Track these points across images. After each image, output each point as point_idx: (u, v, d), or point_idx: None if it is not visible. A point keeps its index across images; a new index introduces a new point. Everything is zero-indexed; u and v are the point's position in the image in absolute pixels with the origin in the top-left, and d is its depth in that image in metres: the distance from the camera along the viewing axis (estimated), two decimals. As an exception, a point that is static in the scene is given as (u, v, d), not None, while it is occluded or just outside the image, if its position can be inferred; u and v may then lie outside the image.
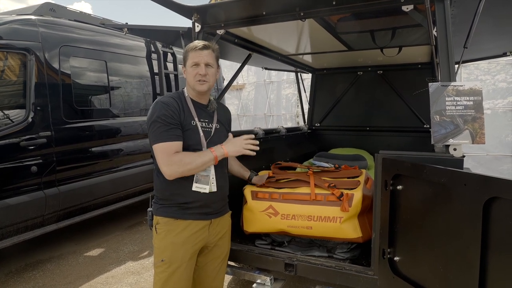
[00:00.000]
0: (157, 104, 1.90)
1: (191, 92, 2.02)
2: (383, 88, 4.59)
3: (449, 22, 1.92)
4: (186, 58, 1.98)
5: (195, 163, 1.85)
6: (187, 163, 1.84)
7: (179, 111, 1.91)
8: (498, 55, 4.17)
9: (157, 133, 1.84)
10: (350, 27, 2.90)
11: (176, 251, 1.93)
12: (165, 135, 1.83)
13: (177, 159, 1.83)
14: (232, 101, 11.44)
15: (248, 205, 2.48)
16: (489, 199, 1.36)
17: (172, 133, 1.85)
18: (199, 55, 1.95)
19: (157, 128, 1.84)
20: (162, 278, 1.93)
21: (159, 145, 1.84)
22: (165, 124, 1.84)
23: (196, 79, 1.95)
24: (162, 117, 1.85)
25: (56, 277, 3.69)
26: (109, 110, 4.67)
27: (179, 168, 1.83)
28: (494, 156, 7.19)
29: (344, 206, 2.19)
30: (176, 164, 1.82)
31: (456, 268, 1.52)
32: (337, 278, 2.19)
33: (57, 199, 3.86)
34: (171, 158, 1.83)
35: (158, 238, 1.97)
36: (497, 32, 3.14)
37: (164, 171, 1.85)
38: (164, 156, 1.83)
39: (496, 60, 7.02)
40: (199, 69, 1.94)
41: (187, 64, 1.98)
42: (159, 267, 1.94)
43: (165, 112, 1.85)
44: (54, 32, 4.03)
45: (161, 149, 1.83)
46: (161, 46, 5.37)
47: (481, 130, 1.86)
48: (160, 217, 1.96)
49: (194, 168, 1.87)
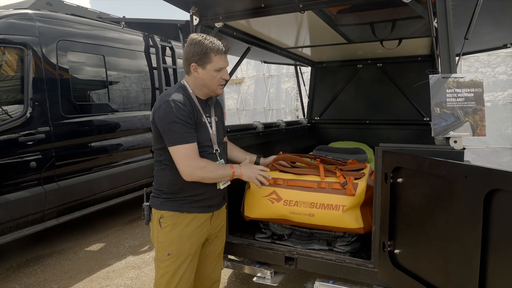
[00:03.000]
0: (172, 103, 1.82)
1: (201, 92, 1.99)
2: (382, 81, 4.57)
3: (450, 13, 1.90)
4: (208, 60, 1.88)
5: (216, 175, 1.92)
6: (209, 172, 1.88)
7: (192, 110, 1.90)
8: (498, 47, 4.14)
9: (178, 133, 1.81)
10: (349, 19, 2.87)
11: (182, 244, 1.93)
12: (187, 137, 1.83)
13: (202, 165, 1.85)
14: (231, 95, 11.40)
15: (251, 190, 2.48)
16: (490, 191, 1.35)
17: (192, 134, 1.86)
18: (225, 60, 1.93)
19: (178, 129, 1.81)
20: (169, 272, 1.92)
21: (181, 147, 1.82)
22: (185, 125, 1.82)
23: (220, 83, 1.94)
24: (182, 118, 1.82)
25: (57, 272, 3.70)
26: (107, 105, 4.65)
27: (201, 174, 1.86)
28: (494, 148, 7.18)
29: (349, 189, 2.18)
30: (200, 169, 1.85)
31: (457, 260, 1.52)
32: (337, 271, 2.19)
33: (56, 194, 3.86)
34: (196, 162, 1.84)
35: (162, 232, 1.95)
36: (498, 23, 3.11)
37: (187, 173, 1.83)
38: (186, 158, 1.82)
39: (496, 52, 6.97)
40: (224, 74, 1.93)
41: (208, 67, 1.89)
42: (165, 261, 1.94)
43: (183, 112, 1.83)
44: (51, 27, 3.99)
45: (183, 151, 1.82)
46: (159, 40, 5.33)
47: (481, 122, 1.85)
48: (165, 211, 1.95)
49: (212, 178, 1.92)
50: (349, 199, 2.20)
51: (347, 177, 2.26)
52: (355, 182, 2.25)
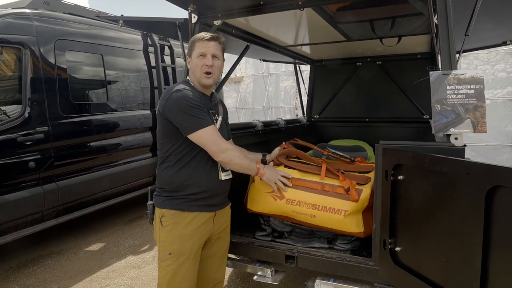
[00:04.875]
0: (184, 91, 1.84)
1: (196, 84, 1.99)
2: (382, 79, 4.56)
3: (450, 9, 1.89)
4: (193, 48, 1.95)
5: (243, 162, 1.98)
6: (238, 157, 1.94)
7: (200, 99, 1.91)
8: (498, 44, 4.14)
9: (198, 118, 1.82)
10: (349, 16, 2.86)
11: (184, 243, 1.92)
12: (207, 119, 1.86)
13: (232, 148, 1.95)
14: (230, 94, 11.39)
15: (255, 184, 2.46)
16: (492, 188, 1.34)
17: (210, 118, 1.91)
18: (206, 46, 1.92)
19: (196, 113, 1.82)
20: (170, 271, 1.91)
21: (206, 129, 1.83)
22: (201, 109, 1.85)
23: (203, 71, 1.92)
24: (196, 103, 1.83)
25: (57, 272, 3.69)
26: (106, 104, 4.64)
27: (232, 156, 1.91)
28: (493, 146, 7.18)
29: (352, 195, 2.17)
30: (231, 151, 1.91)
31: (458, 257, 1.51)
32: (338, 269, 2.18)
33: (56, 195, 3.85)
34: (227, 144, 1.91)
35: (164, 231, 1.94)
36: (497, 20, 3.10)
37: (221, 151, 1.87)
38: (217, 138, 1.87)
39: (496, 50, 6.98)
40: (205, 60, 1.91)
41: (193, 55, 1.94)
42: (166, 260, 1.92)
43: (196, 98, 1.85)
44: (49, 26, 3.98)
45: (210, 132, 1.85)
46: (158, 39, 5.32)
47: (482, 119, 1.84)
48: (166, 209, 1.94)
49: (239, 164, 1.97)
50: (351, 205, 2.19)
51: (351, 183, 2.24)
52: (359, 188, 2.23)
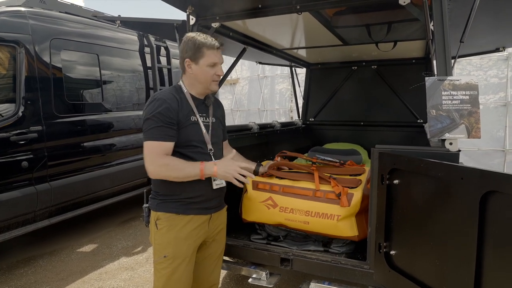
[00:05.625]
0: (155, 101, 1.85)
1: (195, 89, 1.97)
2: (377, 83, 4.59)
3: (446, 16, 1.91)
4: (201, 55, 1.88)
5: (181, 174, 1.83)
6: (172, 170, 1.82)
7: (178, 107, 1.87)
8: (491, 50, 4.20)
9: (149, 130, 1.82)
10: (345, 21, 2.88)
11: (179, 246, 1.91)
12: (156, 134, 1.81)
13: (164, 163, 1.81)
14: (225, 96, 11.37)
15: (248, 195, 2.48)
16: (486, 193, 1.36)
17: (164, 132, 1.82)
18: (218, 55, 1.92)
19: (150, 126, 1.81)
20: (165, 275, 1.90)
21: (149, 143, 1.82)
22: (158, 123, 1.81)
23: (214, 79, 1.93)
24: (157, 115, 1.81)
25: (49, 273, 3.65)
26: (101, 105, 4.60)
27: (164, 173, 1.83)
28: (485, 151, 7.26)
29: (342, 201, 2.19)
30: (162, 167, 1.81)
31: (453, 261, 1.53)
32: (333, 272, 2.19)
33: (48, 195, 3.81)
34: (158, 160, 1.81)
35: (159, 234, 1.93)
36: (491, 27, 3.15)
37: (149, 170, 1.83)
38: (151, 155, 1.81)
39: (488, 56, 7.06)
40: (217, 70, 1.92)
41: (201, 62, 1.89)
42: (161, 263, 1.92)
43: (161, 110, 1.81)
44: (45, 25, 3.94)
45: (150, 148, 1.81)
46: (154, 40, 5.30)
47: (476, 124, 1.86)
48: (161, 212, 1.93)
49: (176, 177, 1.84)
50: (343, 209, 2.21)
51: (342, 189, 2.25)
52: (350, 193, 2.25)
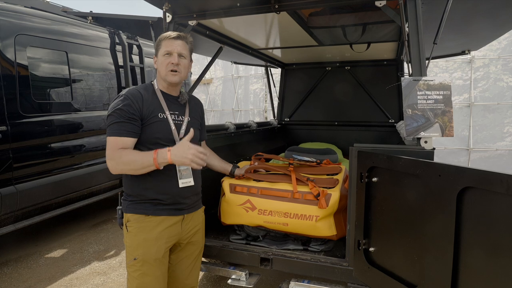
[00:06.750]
0: (118, 98, 1.84)
1: (162, 83, 1.96)
2: (350, 84, 4.69)
3: (421, 18, 1.97)
4: (159, 47, 1.92)
5: (136, 165, 1.77)
6: (128, 163, 1.77)
7: (143, 103, 1.84)
8: (458, 53, 4.38)
9: (110, 126, 1.80)
10: (321, 21, 2.91)
11: (149, 248, 1.86)
12: (116, 129, 1.78)
13: (117, 155, 1.77)
14: (199, 96, 11.23)
15: (226, 198, 2.46)
16: (463, 189, 1.41)
17: (124, 128, 1.78)
18: (172, 44, 1.89)
19: (111, 122, 1.80)
20: (137, 277, 1.85)
21: (109, 139, 1.79)
22: (119, 118, 1.79)
23: (168, 69, 1.89)
24: (118, 111, 1.79)
25: (14, 281, 3.46)
26: (70, 104, 4.43)
27: (120, 166, 1.78)
28: (451, 149, 7.58)
29: (321, 203, 2.21)
30: (115, 160, 1.77)
31: (431, 257, 1.57)
32: (313, 270, 2.21)
33: (14, 199, 3.61)
34: (114, 153, 1.77)
35: (129, 236, 1.88)
36: (458, 31, 3.29)
37: (108, 166, 1.80)
38: (110, 150, 1.78)
39: (453, 59, 7.38)
40: (171, 58, 1.88)
41: (159, 53, 1.92)
42: (132, 266, 1.87)
43: (122, 105, 1.79)
44: (8, 20, 3.74)
45: (109, 143, 1.79)
46: (126, 38, 5.16)
47: (450, 123, 1.93)
48: (131, 214, 1.89)
49: (135, 170, 1.79)
50: (322, 210, 2.24)
51: (320, 190, 2.27)
52: (329, 193, 2.28)
